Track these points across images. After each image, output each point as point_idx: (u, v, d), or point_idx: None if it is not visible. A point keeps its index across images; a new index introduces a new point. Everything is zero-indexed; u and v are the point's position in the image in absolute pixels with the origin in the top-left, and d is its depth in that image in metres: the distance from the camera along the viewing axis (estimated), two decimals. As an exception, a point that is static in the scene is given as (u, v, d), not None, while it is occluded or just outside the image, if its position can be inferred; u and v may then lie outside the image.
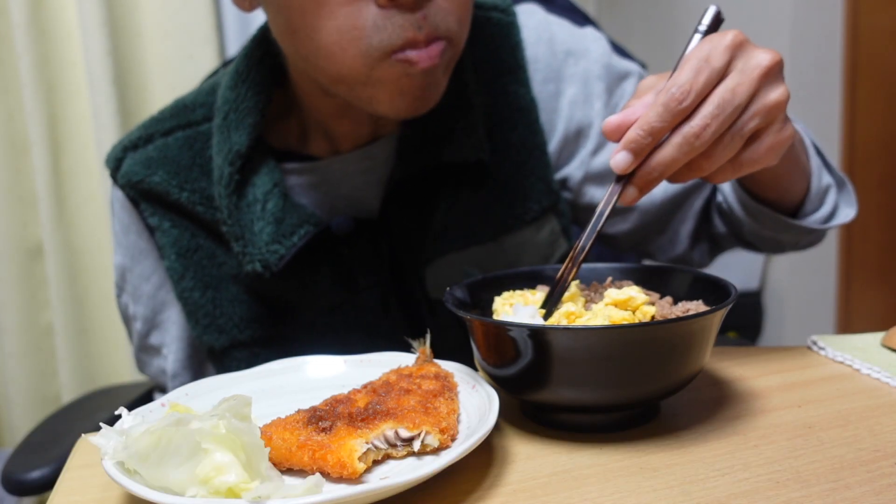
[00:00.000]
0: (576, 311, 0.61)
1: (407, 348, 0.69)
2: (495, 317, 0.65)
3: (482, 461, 0.56)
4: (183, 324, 0.92)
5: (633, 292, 0.61)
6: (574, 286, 0.66)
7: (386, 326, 0.88)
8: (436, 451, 0.54)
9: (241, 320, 0.88)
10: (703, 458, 0.55)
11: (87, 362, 1.81)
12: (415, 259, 0.87)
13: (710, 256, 0.99)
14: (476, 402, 0.59)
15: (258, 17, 1.79)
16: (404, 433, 0.54)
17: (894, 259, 2.15)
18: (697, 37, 0.64)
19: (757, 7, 2.07)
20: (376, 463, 0.54)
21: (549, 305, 0.63)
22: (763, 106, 0.61)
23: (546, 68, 0.92)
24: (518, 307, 0.64)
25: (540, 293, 0.67)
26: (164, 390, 0.97)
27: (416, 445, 0.54)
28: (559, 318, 0.61)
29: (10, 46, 1.69)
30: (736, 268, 2.12)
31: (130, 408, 0.56)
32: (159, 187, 0.87)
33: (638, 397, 0.57)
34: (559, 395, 0.57)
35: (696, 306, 0.61)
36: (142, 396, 1.18)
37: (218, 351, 0.89)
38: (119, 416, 0.54)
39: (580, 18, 1.19)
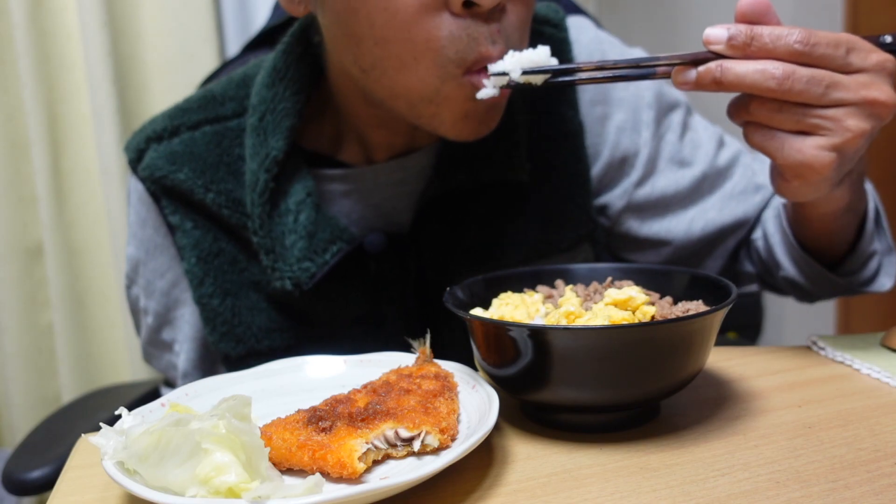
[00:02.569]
0: (576, 311, 0.60)
1: (408, 348, 0.69)
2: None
3: (482, 461, 0.56)
4: (196, 324, 0.89)
5: (633, 292, 0.61)
6: (569, 290, 0.66)
7: (403, 337, 0.87)
8: (436, 451, 0.54)
9: (259, 330, 0.86)
10: (703, 458, 0.55)
11: (87, 362, 1.80)
12: (442, 277, 0.84)
13: None
14: (476, 402, 0.59)
15: (258, 18, 1.80)
16: (404, 433, 0.54)
17: (894, 259, 2.15)
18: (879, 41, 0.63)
19: (757, 7, 2.07)
20: (376, 463, 0.54)
21: (541, 70, 0.64)
22: (839, 118, 0.60)
23: (594, 90, 0.89)
24: None
25: (539, 294, 0.67)
26: (172, 384, 0.96)
27: (416, 445, 0.54)
28: (559, 318, 0.61)
29: (10, 46, 1.69)
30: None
31: (130, 408, 0.56)
32: (183, 185, 0.83)
33: (638, 397, 0.57)
34: (559, 395, 0.57)
35: (696, 306, 0.61)
36: (142, 396, 1.18)
37: (234, 358, 0.87)
38: (119, 416, 0.54)
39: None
